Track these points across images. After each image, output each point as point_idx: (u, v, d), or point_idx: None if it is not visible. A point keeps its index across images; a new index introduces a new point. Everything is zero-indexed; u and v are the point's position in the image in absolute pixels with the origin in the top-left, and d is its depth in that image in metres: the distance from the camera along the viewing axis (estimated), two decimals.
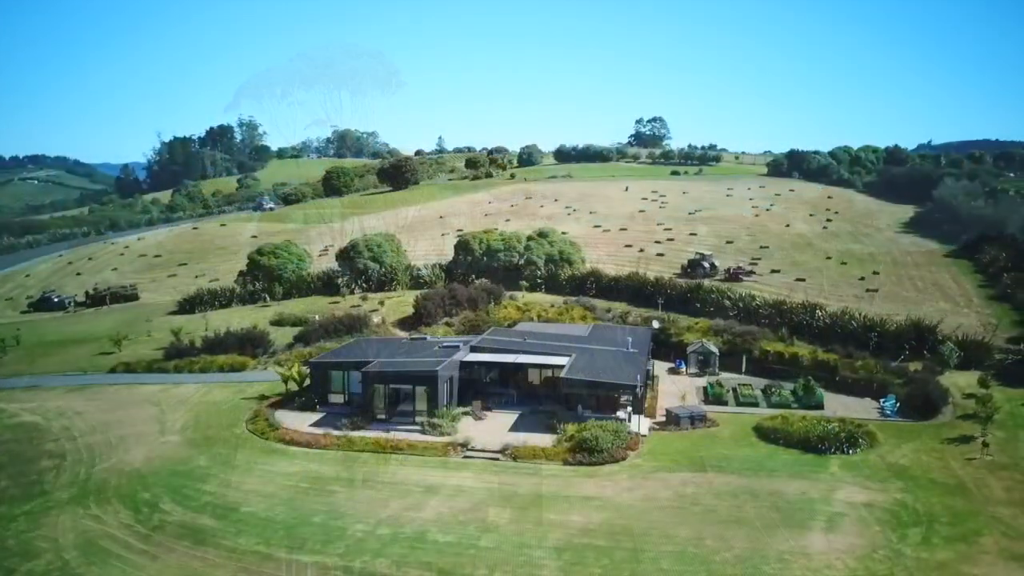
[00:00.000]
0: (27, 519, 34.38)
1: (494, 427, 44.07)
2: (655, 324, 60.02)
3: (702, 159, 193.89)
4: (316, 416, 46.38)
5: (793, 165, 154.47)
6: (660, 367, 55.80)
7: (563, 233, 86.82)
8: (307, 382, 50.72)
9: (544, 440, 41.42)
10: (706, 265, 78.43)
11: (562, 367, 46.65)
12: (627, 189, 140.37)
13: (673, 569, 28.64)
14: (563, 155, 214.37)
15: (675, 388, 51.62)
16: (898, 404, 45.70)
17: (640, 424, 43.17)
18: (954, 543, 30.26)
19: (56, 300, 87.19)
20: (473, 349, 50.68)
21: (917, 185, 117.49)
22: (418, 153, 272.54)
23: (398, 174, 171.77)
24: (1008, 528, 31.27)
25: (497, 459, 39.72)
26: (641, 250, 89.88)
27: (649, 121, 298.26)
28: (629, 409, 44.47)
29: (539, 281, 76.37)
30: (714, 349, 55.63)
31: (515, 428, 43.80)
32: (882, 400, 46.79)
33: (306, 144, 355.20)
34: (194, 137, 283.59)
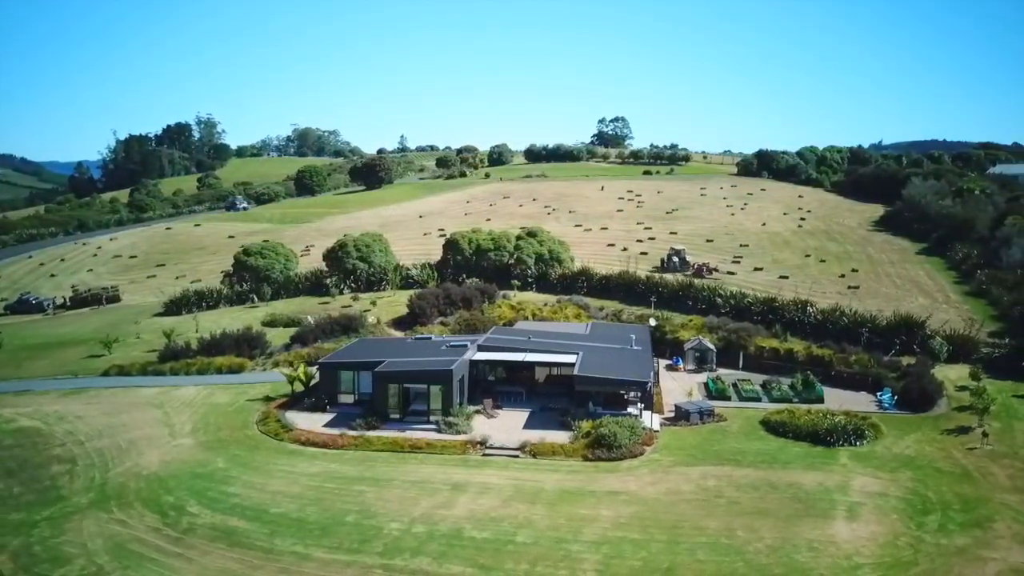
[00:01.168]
0: (50, 525, 33.78)
1: (508, 425, 44.58)
2: (652, 322, 61.05)
3: (671, 159, 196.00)
4: (327, 416, 46.33)
5: (762, 165, 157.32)
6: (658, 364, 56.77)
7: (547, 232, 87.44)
8: (313, 382, 50.56)
9: (560, 437, 42.09)
10: (676, 261, 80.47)
11: (572, 365, 47.37)
12: (603, 188, 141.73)
13: (710, 560, 29.51)
14: (533, 154, 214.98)
15: (675, 385, 52.69)
16: (895, 397, 47.36)
17: (652, 420, 44.14)
18: (970, 529, 31.71)
19: (34, 302, 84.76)
20: (480, 348, 51.05)
21: (883, 184, 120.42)
22: (381, 152, 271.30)
23: (372, 173, 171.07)
24: (1018, 514, 32.83)
25: (517, 456, 40.23)
26: (624, 249, 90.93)
27: (611, 121, 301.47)
28: (640, 406, 45.44)
29: (530, 280, 76.96)
30: (711, 346, 56.82)
31: (529, 426, 44.38)
32: (879, 393, 48.41)
33: (266, 142, 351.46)
34: (151, 135, 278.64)
